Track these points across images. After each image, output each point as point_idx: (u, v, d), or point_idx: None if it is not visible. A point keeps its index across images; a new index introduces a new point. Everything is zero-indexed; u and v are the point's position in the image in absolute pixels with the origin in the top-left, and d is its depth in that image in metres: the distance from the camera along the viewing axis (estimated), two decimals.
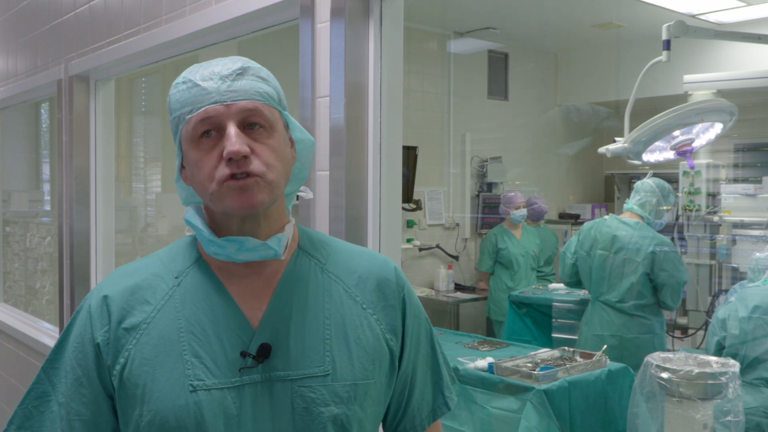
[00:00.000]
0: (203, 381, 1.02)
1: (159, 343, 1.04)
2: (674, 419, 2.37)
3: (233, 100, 1.02)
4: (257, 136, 1.03)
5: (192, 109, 1.02)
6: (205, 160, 1.02)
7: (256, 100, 1.03)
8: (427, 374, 1.20)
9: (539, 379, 2.92)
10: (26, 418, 1.09)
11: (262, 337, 1.05)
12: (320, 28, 1.79)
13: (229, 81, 1.03)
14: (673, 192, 3.78)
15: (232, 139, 1.00)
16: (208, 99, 1.02)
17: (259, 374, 1.04)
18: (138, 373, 1.03)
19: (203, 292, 1.07)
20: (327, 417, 1.05)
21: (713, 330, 2.88)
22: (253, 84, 1.04)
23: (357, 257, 1.17)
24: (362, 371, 1.08)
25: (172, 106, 1.06)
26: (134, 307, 1.07)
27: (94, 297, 1.10)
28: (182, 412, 1.01)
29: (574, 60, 6.78)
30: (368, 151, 1.75)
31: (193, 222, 1.09)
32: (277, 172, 1.04)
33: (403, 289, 1.17)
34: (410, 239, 5.75)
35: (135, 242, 4.21)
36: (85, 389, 1.06)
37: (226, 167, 1.00)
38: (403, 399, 1.18)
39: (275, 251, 1.07)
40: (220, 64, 1.05)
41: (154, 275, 1.10)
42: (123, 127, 4.05)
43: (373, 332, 1.11)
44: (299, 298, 1.09)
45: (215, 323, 1.05)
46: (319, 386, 1.05)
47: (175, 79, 1.09)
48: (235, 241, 1.05)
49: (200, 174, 1.03)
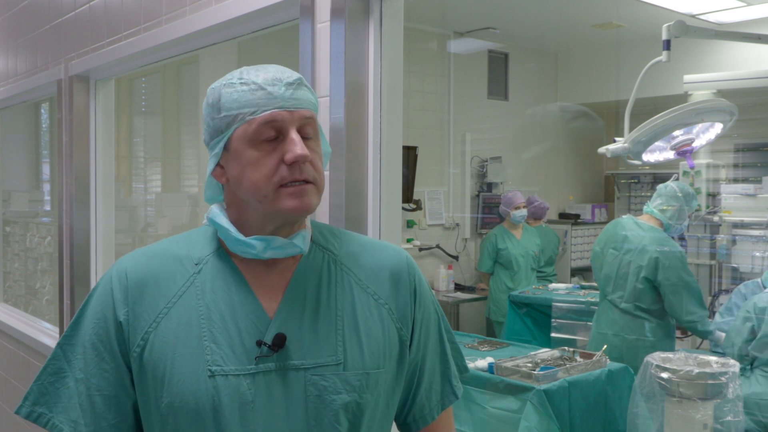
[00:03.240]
0: (221, 367, 1.06)
1: (179, 328, 1.08)
2: (674, 419, 2.37)
3: (296, 107, 1.07)
4: (309, 144, 1.09)
5: (256, 111, 1.06)
6: (265, 160, 1.06)
7: (312, 110, 1.10)
8: (436, 363, 1.23)
9: (539, 379, 2.92)
10: (42, 394, 1.11)
11: (277, 327, 1.09)
12: (320, 28, 1.79)
13: (292, 89, 1.08)
14: (696, 196, 3.66)
15: (297, 144, 1.05)
16: (274, 103, 1.06)
17: (273, 363, 1.08)
18: (158, 356, 1.07)
19: (223, 281, 1.11)
20: (339, 404, 1.08)
21: (747, 315, 2.89)
22: (308, 95, 1.11)
23: (369, 249, 1.21)
24: (373, 360, 1.12)
25: (223, 105, 1.08)
26: (155, 290, 1.10)
27: (115, 276, 1.12)
28: (201, 395, 1.05)
29: (574, 60, 6.78)
30: (368, 151, 1.75)
31: (219, 221, 1.13)
32: (323, 178, 1.11)
33: (415, 279, 1.20)
34: (410, 239, 5.75)
35: (135, 242, 4.22)
36: (107, 364, 1.09)
37: (287, 171, 1.06)
38: (412, 387, 1.21)
39: (300, 248, 1.12)
40: (279, 71, 1.10)
41: (175, 260, 1.13)
42: (123, 127, 4.06)
43: (384, 323, 1.15)
44: (313, 289, 1.13)
45: (234, 311, 1.09)
46: (331, 375, 1.09)
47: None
48: (263, 240, 1.09)
49: (256, 174, 1.06)
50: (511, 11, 5.58)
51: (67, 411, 1.09)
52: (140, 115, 4.43)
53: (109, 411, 1.09)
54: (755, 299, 2.96)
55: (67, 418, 1.09)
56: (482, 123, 6.34)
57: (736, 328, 2.98)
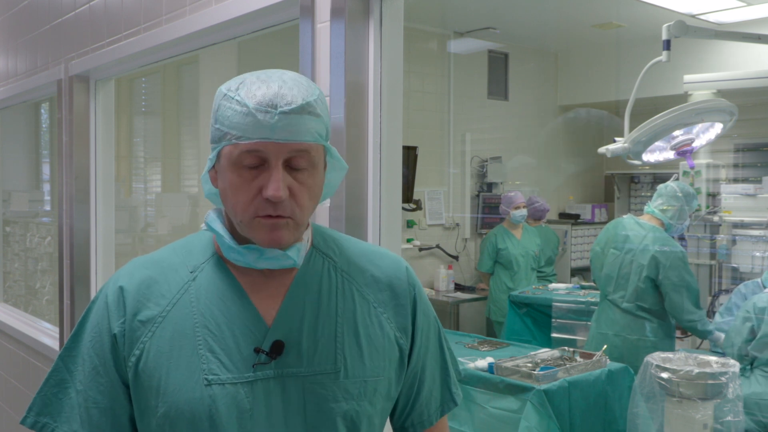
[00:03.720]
0: (218, 375, 1.05)
1: (174, 337, 1.07)
2: (674, 419, 2.37)
3: (285, 139, 1.00)
4: (298, 176, 1.04)
5: (241, 136, 1.01)
6: (245, 187, 1.02)
7: (307, 141, 1.02)
8: (436, 371, 1.23)
9: (539, 379, 2.92)
10: (45, 405, 1.12)
11: (275, 335, 1.08)
12: (320, 28, 1.79)
13: (287, 118, 1.00)
14: (696, 196, 3.67)
15: (275, 183, 1.00)
16: (260, 133, 1.00)
17: (272, 370, 1.07)
18: (153, 365, 1.06)
19: (218, 288, 1.10)
20: (337, 412, 1.08)
21: (747, 315, 2.90)
22: (308, 123, 1.02)
23: (369, 256, 1.19)
24: (372, 369, 1.11)
25: (218, 117, 1.05)
26: (150, 299, 1.09)
27: (111, 288, 1.12)
28: (197, 405, 1.04)
29: (574, 60, 6.78)
30: (368, 151, 1.75)
31: (215, 227, 1.11)
32: (308, 212, 1.06)
33: (414, 289, 1.19)
34: (410, 239, 5.75)
35: (135, 242, 4.22)
36: (102, 378, 1.09)
37: (263, 205, 1.02)
38: (412, 394, 1.21)
39: (294, 261, 1.08)
40: (280, 94, 1.01)
41: (170, 268, 1.12)
42: (123, 127, 4.05)
43: (383, 331, 1.14)
44: (312, 296, 1.12)
45: (230, 319, 1.08)
46: (330, 383, 1.08)
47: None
48: (257, 250, 1.07)
49: (234, 198, 1.04)
50: (511, 11, 5.58)
51: (69, 421, 1.10)
52: (140, 115, 4.43)
53: (106, 423, 1.09)
54: (755, 299, 2.96)
55: (70, 428, 1.10)
56: (482, 123, 6.34)
57: (736, 328, 2.98)
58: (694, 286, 3.40)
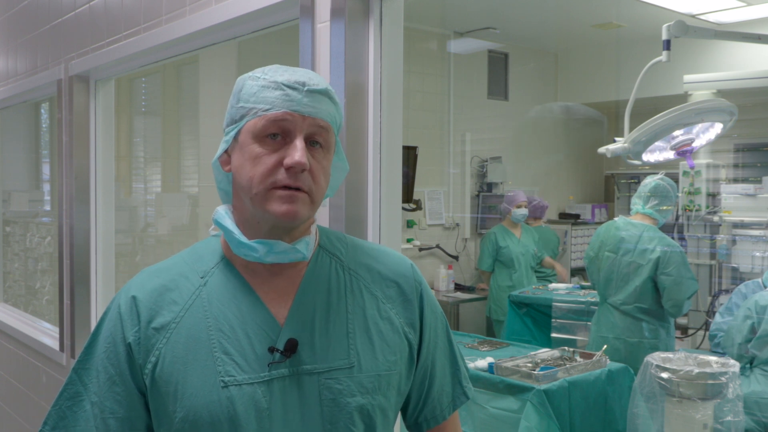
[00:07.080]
0: (234, 377, 1.07)
1: (189, 342, 1.08)
2: (674, 419, 2.37)
3: (310, 113, 1.07)
4: (315, 154, 1.09)
5: (269, 108, 1.06)
6: (265, 158, 1.06)
7: (329, 121, 1.09)
8: (446, 365, 1.25)
9: (539, 379, 2.92)
10: (60, 418, 1.13)
11: (288, 333, 1.10)
12: (320, 28, 1.79)
13: (312, 96, 1.08)
14: (675, 186, 3.75)
15: (299, 150, 1.05)
16: (288, 105, 1.06)
17: (287, 368, 1.09)
18: (170, 371, 1.07)
19: (229, 291, 1.12)
20: (353, 407, 1.10)
21: (747, 314, 2.90)
22: (330, 107, 1.10)
23: (374, 254, 1.22)
24: (385, 363, 1.13)
25: (244, 95, 1.10)
26: (162, 307, 1.11)
27: (123, 298, 1.13)
28: (215, 407, 1.05)
29: (574, 60, 6.78)
30: (368, 151, 1.75)
31: (223, 223, 1.13)
32: (322, 191, 1.10)
33: (420, 285, 1.22)
34: (410, 239, 5.75)
35: (135, 242, 4.21)
36: (119, 387, 1.10)
37: (283, 174, 1.05)
38: (423, 390, 1.22)
39: (303, 254, 1.12)
40: (306, 76, 1.09)
41: (180, 275, 1.14)
42: (123, 127, 4.05)
43: (393, 326, 1.16)
44: (322, 294, 1.14)
45: (242, 321, 1.10)
46: (345, 378, 1.10)
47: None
48: (266, 244, 1.10)
49: (253, 170, 1.06)
50: (511, 11, 5.58)
51: None
52: (140, 115, 4.43)
53: None
54: (756, 297, 2.97)
55: None
56: (482, 123, 6.34)
57: (736, 326, 2.98)
58: (692, 283, 3.44)
